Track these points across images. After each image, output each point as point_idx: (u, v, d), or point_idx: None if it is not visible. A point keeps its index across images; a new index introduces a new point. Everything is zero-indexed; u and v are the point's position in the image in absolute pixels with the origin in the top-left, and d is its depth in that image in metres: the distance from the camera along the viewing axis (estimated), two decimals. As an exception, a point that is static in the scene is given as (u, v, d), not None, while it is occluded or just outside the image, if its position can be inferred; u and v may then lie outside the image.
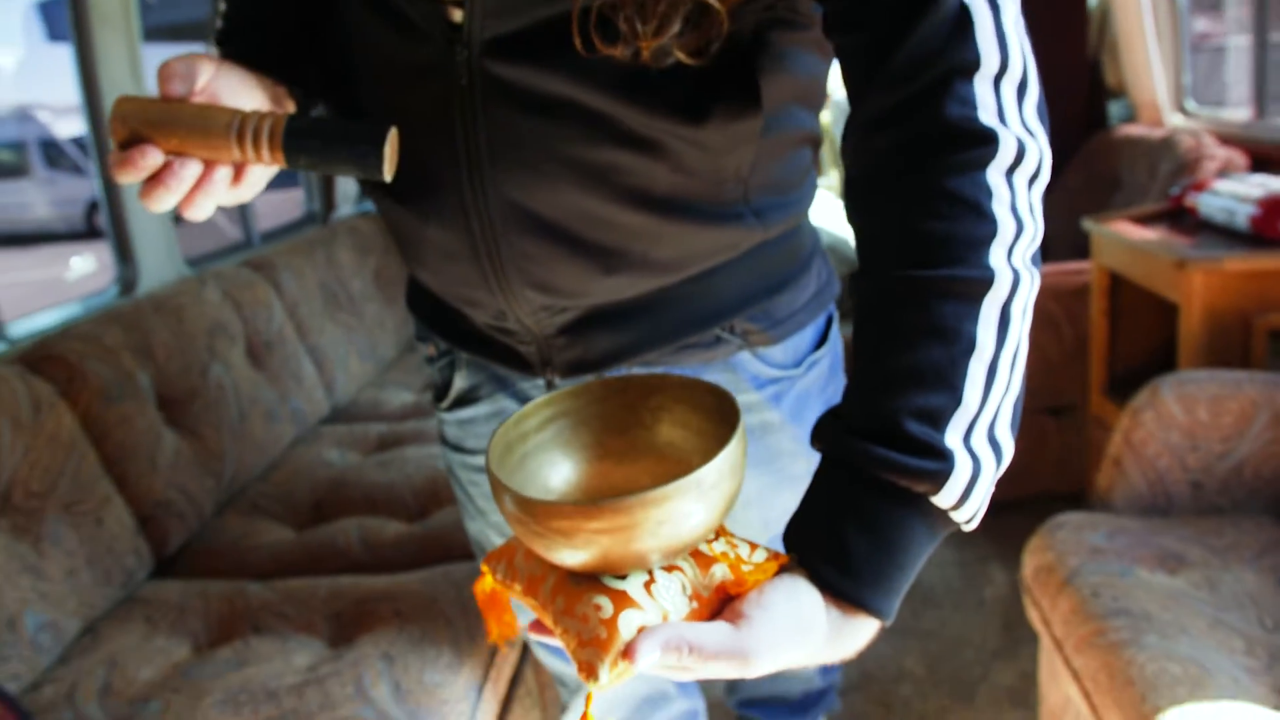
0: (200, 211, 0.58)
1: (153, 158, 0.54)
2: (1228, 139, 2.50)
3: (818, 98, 0.73)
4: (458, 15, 0.63)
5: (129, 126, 0.55)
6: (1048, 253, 2.51)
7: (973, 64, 0.52)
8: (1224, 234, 1.93)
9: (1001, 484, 0.54)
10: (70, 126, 9.53)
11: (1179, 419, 1.50)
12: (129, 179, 0.55)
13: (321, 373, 2.35)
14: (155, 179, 0.55)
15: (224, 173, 0.57)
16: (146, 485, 1.61)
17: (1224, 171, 2.33)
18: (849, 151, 0.57)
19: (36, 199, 9.72)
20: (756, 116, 0.65)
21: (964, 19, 0.52)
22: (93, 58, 2.05)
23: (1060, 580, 1.33)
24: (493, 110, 0.64)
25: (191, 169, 0.55)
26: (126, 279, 2.06)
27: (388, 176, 0.56)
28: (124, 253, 2.07)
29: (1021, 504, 2.18)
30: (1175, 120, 2.85)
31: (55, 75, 10.55)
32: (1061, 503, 1.78)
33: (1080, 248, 2.38)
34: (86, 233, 9.41)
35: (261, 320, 2.15)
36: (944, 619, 2.02)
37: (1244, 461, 1.49)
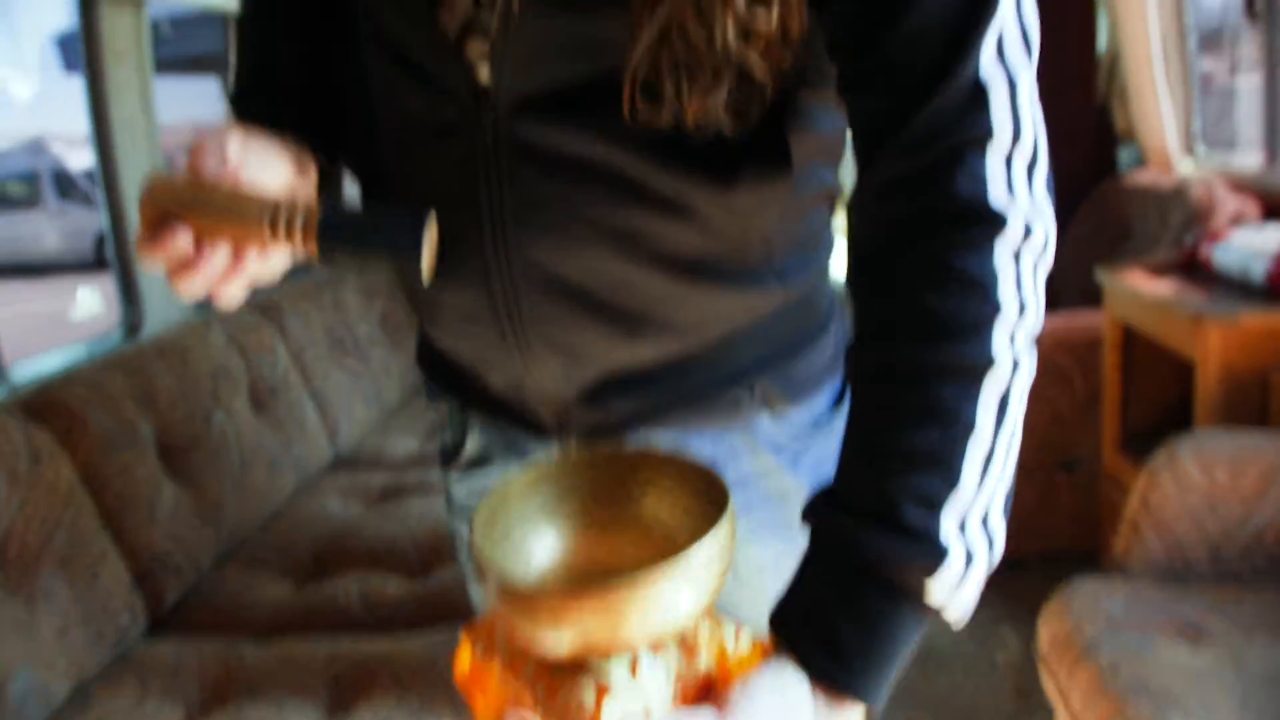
0: (231, 299, 0.56)
1: (183, 241, 0.52)
2: (1239, 186, 2.49)
3: (839, 153, 0.72)
4: (485, 74, 0.61)
5: (159, 207, 0.53)
6: (1057, 301, 2.49)
7: (985, 137, 0.51)
8: (1239, 288, 1.91)
9: (1012, 540, 0.54)
10: (83, 158, 9.63)
11: (1197, 481, 1.46)
12: (157, 263, 0.53)
13: (325, 419, 2.33)
14: (186, 265, 0.53)
15: (253, 253, 0.56)
16: (145, 537, 1.59)
17: (1236, 220, 2.31)
18: (854, 218, 0.56)
19: (47, 230, 9.79)
20: (786, 177, 0.64)
21: (980, 91, 0.51)
22: (104, 90, 2.06)
23: (1077, 652, 1.30)
24: (519, 172, 0.63)
25: (221, 256, 0.54)
26: (131, 322, 2.05)
27: (426, 278, 0.54)
28: (129, 294, 2.06)
29: (1033, 562, 2.13)
30: (1186, 166, 2.84)
31: (71, 106, 10.70)
32: (1074, 560, 1.74)
33: (1090, 294, 2.35)
34: (95, 264, 9.47)
35: (266, 365, 2.13)
36: (955, 684, 1.97)
37: (1265, 528, 1.45)
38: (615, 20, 0.56)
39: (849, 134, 0.65)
